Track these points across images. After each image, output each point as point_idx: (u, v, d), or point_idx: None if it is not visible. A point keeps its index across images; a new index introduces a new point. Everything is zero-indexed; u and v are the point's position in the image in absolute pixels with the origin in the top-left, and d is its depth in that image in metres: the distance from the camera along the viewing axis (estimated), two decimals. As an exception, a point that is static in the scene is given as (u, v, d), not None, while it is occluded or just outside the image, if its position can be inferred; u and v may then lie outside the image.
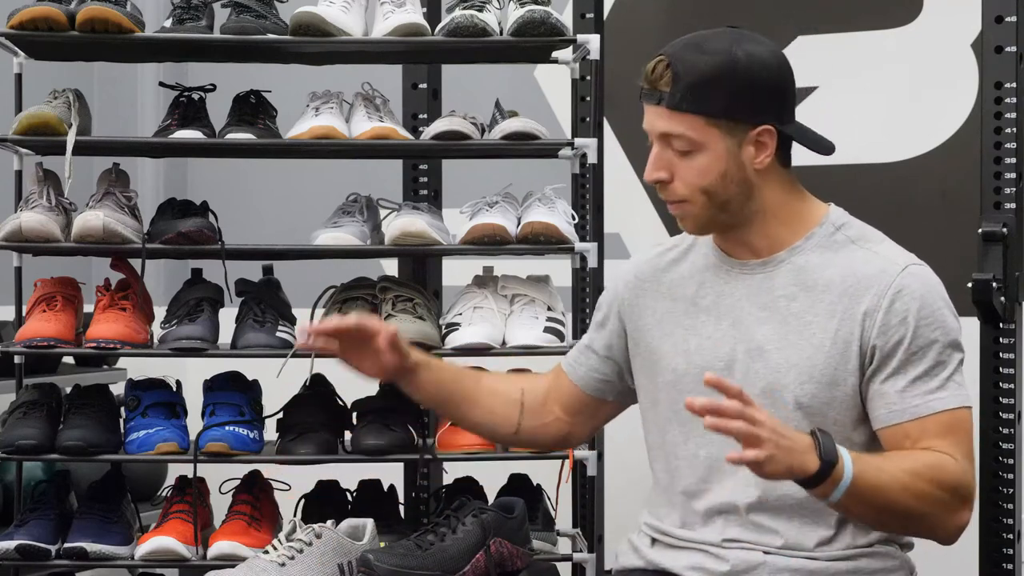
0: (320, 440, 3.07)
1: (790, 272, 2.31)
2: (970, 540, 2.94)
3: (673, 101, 2.25)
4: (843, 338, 2.25)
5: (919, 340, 2.24)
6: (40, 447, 3.02)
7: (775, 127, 2.27)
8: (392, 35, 3.11)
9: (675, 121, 2.26)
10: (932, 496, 2.20)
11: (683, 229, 2.38)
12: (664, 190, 2.31)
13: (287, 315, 3.19)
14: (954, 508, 2.22)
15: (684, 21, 4.05)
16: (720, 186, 2.27)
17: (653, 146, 2.30)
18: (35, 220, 3.04)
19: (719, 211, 2.30)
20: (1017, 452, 2.91)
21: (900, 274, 2.26)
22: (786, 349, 2.28)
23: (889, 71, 3.93)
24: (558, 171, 3.33)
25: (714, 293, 2.37)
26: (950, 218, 3.74)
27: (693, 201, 2.29)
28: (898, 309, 2.24)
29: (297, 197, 4.33)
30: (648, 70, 2.28)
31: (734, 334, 2.32)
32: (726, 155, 2.27)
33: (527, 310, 3.13)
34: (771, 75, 2.28)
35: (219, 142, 3.13)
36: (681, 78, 2.24)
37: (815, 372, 2.26)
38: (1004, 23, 2.91)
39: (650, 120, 2.29)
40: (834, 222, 2.34)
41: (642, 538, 2.42)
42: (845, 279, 2.27)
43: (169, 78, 3.49)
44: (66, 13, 3.04)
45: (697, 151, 2.26)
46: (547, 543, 3.13)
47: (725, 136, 2.26)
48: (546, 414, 2.56)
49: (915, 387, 2.23)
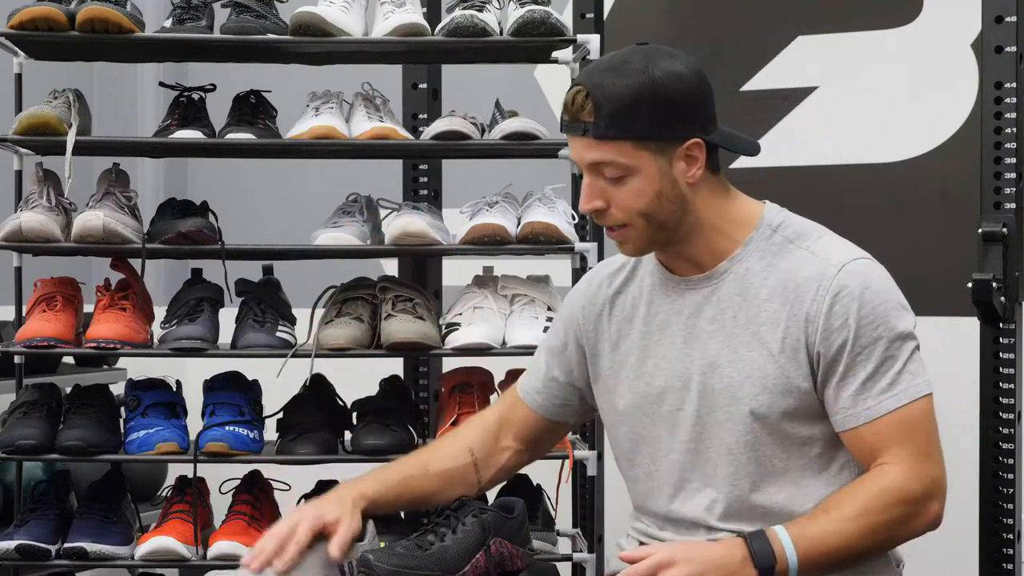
0: (320, 440, 3.07)
1: (733, 282, 2.29)
2: (970, 540, 2.95)
3: (598, 131, 2.23)
4: (791, 345, 2.24)
5: (862, 340, 2.22)
6: (40, 447, 3.02)
7: (702, 139, 2.26)
8: (392, 35, 3.11)
9: (603, 150, 2.23)
10: (888, 522, 2.20)
11: (623, 253, 2.36)
12: (602, 218, 2.29)
13: (287, 315, 3.19)
14: (915, 513, 2.22)
15: (684, 21, 4.06)
16: (656, 206, 2.25)
17: (584, 177, 2.28)
18: (35, 220, 3.04)
19: (658, 230, 2.28)
20: (1017, 452, 2.91)
21: (837, 275, 2.23)
22: (737, 362, 2.27)
23: (889, 71, 3.93)
24: (558, 171, 3.33)
25: (664, 312, 2.35)
26: (950, 218, 3.74)
27: (633, 224, 2.27)
28: (837, 312, 2.22)
29: (297, 197, 4.33)
30: (568, 102, 2.26)
31: (688, 352, 2.31)
32: (659, 175, 2.24)
33: (527, 310, 3.13)
34: (690, 88, 2.25)
35: (219, 142, 3.13)
36: (603, 106, 2.22)
37: (768, 382, 2.25)
38: (1004, 23, 2.91)
39: (577, 151, 2.27)
40: (770, 223, 2.31)
41: (630, 542, 2.43)
42: (786, 285, 2.25)
43: (169, 78, 3.49)
44: (66, 13, 3.04)
45: (630, 175, 2.24)
46: (547, 543, 3.13)
47: (655, 156, 2.24)
48: (499, 452, 2.53)
49: (866, 389, 2.22)
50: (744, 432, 2.25)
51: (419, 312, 3.10)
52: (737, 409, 2.25)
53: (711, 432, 2.28)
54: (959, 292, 2.94)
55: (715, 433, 2.27)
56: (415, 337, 3.03)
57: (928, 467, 2.23)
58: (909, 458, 2.21)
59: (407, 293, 3.15)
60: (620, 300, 2.42)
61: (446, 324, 3.12)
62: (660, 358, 2.34)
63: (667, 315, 2.34)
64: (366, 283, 3.22)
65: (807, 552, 2.16)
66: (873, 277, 2.25)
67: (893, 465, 2.21)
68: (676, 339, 2.32)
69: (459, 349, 3.06)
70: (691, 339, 2.31)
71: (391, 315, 3.08)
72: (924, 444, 2.23)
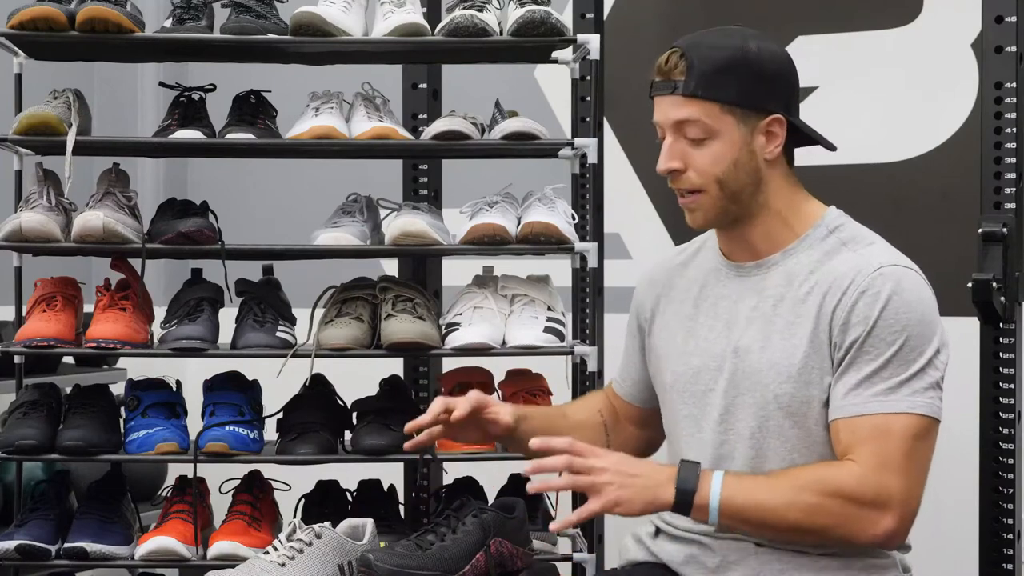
0: (320, 440, 3.07)
1: (780, 275, 2.34)
2: (970, 540, 2.95)
3: (688, 89, 2.29)
4: (819, 337, 2.27)
5: (873, 340, 2.23)
6: (40, 447, 3.02)
7: (785, 117, 2.31)
8: (392, 35, 3.11)
9: (691, 107, 2.29)
10: (822, 507, 2.20)
11: (690, 224, 2.38)
12: (677, 180, 2.33)
13: (287, 315, 3.19)
14: (857, 517, 2.20)
15: (684, 21, 4.06)
16: (732, 175, 2.31)
17: (666, 138, 2.33)
18: (35, 220, 3.04)
19: (729, 201, 2.32)
20: (1017, 452, 2.91)
21: (871, 275, 2.26)
22: (768, 349, 2.30)
23: (889, 71, 3.93)
24: (558, 171, 3.34)
25: (714, 295, 2.41)
26: (950, 218, 3.74)
27: (707, 190, 2.32)
28: (860, 309, 2.24)
29: (297, 197, 4.33)
30: (661, 62, 2.32)
31: (727, 335, 2.36)
32: (739, 143, 2.30)
33: (527, 310, 3.13)
34: (781, 67, 2.33)
35: (219, 142, 3.13)
36: (695, 66, 2.29)
37: (793, 372, 2.28)
38: (1004, 23, 2.91)
39: (663, 110, 2.32)
40: (828, 224, 2.36)
41: (648, 527, 2.46)
42: (826, 279, 2.29)
43: (169, 78, 3.49)
44: (66, 13, 3.04)
45: (711, 138, 2.29)
46: (547, 543, 3.13)
47: (739, 124, 2.30)
48: (622, 431, 2.61)
49: (860, 387, 2.23)
50: (766, 418, 2.29)
51: (419, 312, 3.10)
52: (762, 395, 2.29)
53: (736, 415, 2.32)
54: (959, 292, 2.94)
55: (740, 416, 2.31)
56: (415, 337, 3.03)
57: (887, 479, 2.20)
58: (870, 463, 2.20)
59: (407, 293, 3.15)
60: (678, 280, 2.48)
61: (446, 324, 3.12)
62: (702, 339, 2.39)
63: (716, 298, 2.40)
64: (366, 283, 3.22)
65: (731, 497, 2.19)
66: (907, 286, 2.27)
67: (854, 464, 2.21)
68: (719, 322, 2.38)
69: (459, 349, 3.06)
70: (732, 323, 2.36)
71: (391, 315, 3.08)
72: (895, 458, 2.21)
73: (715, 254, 2.44)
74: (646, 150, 4.19)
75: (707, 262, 2.45)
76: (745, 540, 2.31)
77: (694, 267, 2.47)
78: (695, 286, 2.44)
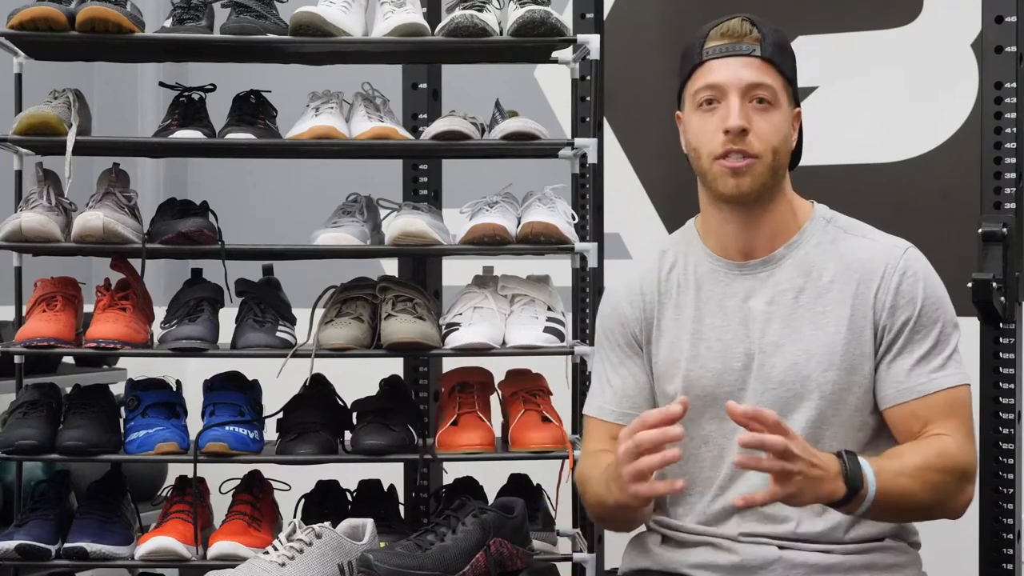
0: (320, 440, 3.07)
1: (792, 267, 2.37)
2: (970, 540, 2.95)
3: (767, 52, 2.34)
4: (858, 323, 2.32)
5: (923, 319, 2.31)
6: (40, 447, 3.02)
7: None
8: (392, 35, 3.11)
9: (766, 71, 2.34)
10: (942, 483, 2.25)
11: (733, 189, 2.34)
12: (740, 141, 2.33)
13: (287, 315, 3.19)
14: (961, 489, 2.28)
15: (684, 22, 4.06)
16: (784, 148, 2.36)
17: (730, 99, 2.33)
18: (35, 220, 3.04)
19: (771, 176, 2.36)
20: (1017, 452, 2.91)
21: (903, 256, 2.35)
22: (801, 341, 2.32)
23: (889, 71, 3.93)
24: (558, 171, 3.33)
25: (717, 296, 2.41)
26: (950, 218, 3.73)
27: (762, 156, 2.34)
28: (905, 290, 2.32)
29: (297, 197, 4.33)
30: (730, 26, 2.36)
31: (746, 333, 2.36)
32: (787, 120, 2.37)
33: (527, 310, 3.13)
34: None
35: (219, 142, 3.13)
36: (767, 36, 2.35)
37: (835, 359, 2.31)
38: (1004, 23, 2.91)
39: (735, 71, 2.34)
40: (823, 216, 2.43)
41: (652, 536, 2.43)
42: (850, 266, 2.34)
43: (169, 78, 3.49)
44: (66, 13, 3.04)
45: (775, 107, 2.35)
46: (547, 543, 3.13)
47: (789, 103, 2.38)
48: None
49: (920, 366, 2.30)
50: (808, 410, 2.31)
51: (419, 312, 3.10)
52: (804, 387, 2.31)
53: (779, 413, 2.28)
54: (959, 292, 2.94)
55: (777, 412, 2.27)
56: (415, 337, 3.03)
57: (972, 448, 2.31)
58: (960, 435, 2.29)
59: (407, 293, 3.15)
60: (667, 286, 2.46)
61: (446, 324, 3.12)
62: (715, 341, 2.38)
63: (720, 299, 2.40)
64: (366, 283, 3.22)
65: (883, 487, 2.19)
66: (926, 263, 2.39)
67: (947, 436, 2.27)
68: (732, 321, 2.38)
69: (459, 349, 3.06)
70: (748, 321, 2.37)
71: (391, 315, 3.08)
72: (969, 427, 2.32)
73: (705, 256, 2.43)
74: (646, 150, 4.21)
75: (697, 265, 2.44)
76: (768, 543, 2.31)
77: (680, 272, 2.45)
78: (690, 290, 2.43)
